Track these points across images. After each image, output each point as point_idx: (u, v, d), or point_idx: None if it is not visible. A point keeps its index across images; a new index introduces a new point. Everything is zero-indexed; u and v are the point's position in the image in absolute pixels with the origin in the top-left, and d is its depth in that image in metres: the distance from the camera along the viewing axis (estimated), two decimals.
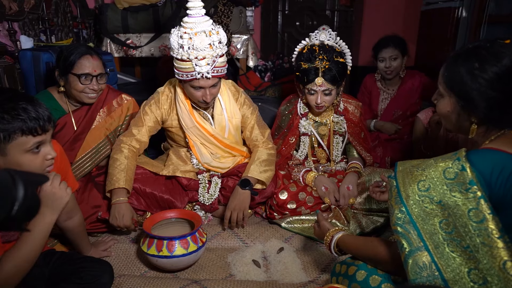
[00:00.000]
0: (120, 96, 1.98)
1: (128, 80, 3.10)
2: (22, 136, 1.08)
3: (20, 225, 0.80)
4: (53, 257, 1.40)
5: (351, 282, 1.17)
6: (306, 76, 1.88)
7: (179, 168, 1.94)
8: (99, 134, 1.91)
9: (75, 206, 1.52)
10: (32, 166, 1.13)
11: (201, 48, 1.62)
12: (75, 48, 1.76)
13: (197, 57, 1.62)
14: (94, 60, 1.77)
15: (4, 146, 1.07)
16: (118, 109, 1.96)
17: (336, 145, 2.10)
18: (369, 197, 1.97)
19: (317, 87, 1.87)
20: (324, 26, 1.95)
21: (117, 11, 2.98)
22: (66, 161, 1.47)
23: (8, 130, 1.06)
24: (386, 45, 2.66)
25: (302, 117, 2.08)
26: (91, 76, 1.76)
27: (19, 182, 0.76)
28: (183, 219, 1.72)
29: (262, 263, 1.65)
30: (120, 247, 1.76)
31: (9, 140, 1.07)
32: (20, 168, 1.11)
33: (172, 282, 1.50)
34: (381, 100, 2.83)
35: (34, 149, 1.12)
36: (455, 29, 3.20)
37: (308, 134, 2.08)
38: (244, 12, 3.13)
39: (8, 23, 2.26)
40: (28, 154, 1.12)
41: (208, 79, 1.68)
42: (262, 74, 3.20)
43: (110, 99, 1.95)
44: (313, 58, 1.86)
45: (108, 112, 1.93)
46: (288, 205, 1.92)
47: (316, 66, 1.85)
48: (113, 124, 1.95)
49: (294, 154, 2.15)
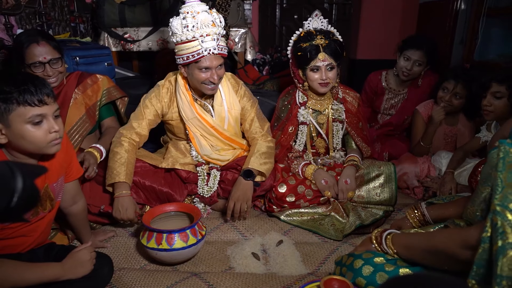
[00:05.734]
0: (94, 75, 2.01)
1: (126, 75, 3.08)
2: (19, 106, 1.14)
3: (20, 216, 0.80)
4: (53, 251, 1.42)
5: (356, 275, 1.16)
6: (309, 53, 1.90)
7: (178, 161, 1.95)
8: (80, 109, 1.92)
9: (79, 191, 1.56)
10: (35, 138, 1.18)
11: (206, 24, 1.67)
12: (23, 36, 1.73)
13: (203, 35, 1.67)
14: (42, 47, 1.72)
15: (6, 116, 1.14)
16: (94, 85, 1.99)
17: (336, 132, 2.10)
18: (368, 190, 1.98)
19: (320, 62, 1.90)
20: (317, 12, 2.00)
21: (114, 4, 2.96)
22: (71, 148, 1.50)
23: (6, 100, 1.13)
24: (419, 47, 2.50)
25: (301, 106, 2.08)
26: (42, 64, 1.73)
27: (17, 173, 0.77)
28: (182, 212, 1.73)
29: (261, 256, 1.66)
30: (120, 241, 1.76)
31: (9, 110, 1.14)
32: (24, 140, 1.17)
33: (172, 275, 1.51)
34: (385, 100, 2.75)
35: (34, 121, 1.17)
36: (454, 22, 3.20)
37: (306, 123, 2.08)
38: (242, 6, 3.12)
39: (5, 17, 2.25)
40: (29, 126, 1.17)
41: (215, 55, 1.71)
42: (260, 68, 3.20)
43: (84, 79, 1.97)
44: (312, 38, 1.91)
45: (84, 89, 1.95)
46: (287, 198, 1.93)
47: (316, 43, 1.89)
48: (91, 99, 1.97)
49: (293, 145, 2.16)
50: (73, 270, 1.28)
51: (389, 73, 2.74)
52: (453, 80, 2.27)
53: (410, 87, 2.67)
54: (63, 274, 1.26)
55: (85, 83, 1.96)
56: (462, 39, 3.14)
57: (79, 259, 1.31)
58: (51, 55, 1.75)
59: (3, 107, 1.13)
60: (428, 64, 2.56)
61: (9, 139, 1.18)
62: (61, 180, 1.40)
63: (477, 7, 2.94)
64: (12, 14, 2.30)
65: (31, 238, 1.32)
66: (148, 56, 3.34)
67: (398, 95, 2.72)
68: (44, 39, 1.74)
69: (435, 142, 2.41)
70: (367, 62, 4.08)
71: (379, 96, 2.78)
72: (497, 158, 0.87)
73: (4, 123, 1.15)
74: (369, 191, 1.97)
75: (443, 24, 3.28)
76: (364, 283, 1.14)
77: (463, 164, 2.20)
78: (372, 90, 2.80)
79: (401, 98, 2.72)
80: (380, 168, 2.00)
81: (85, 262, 1.32)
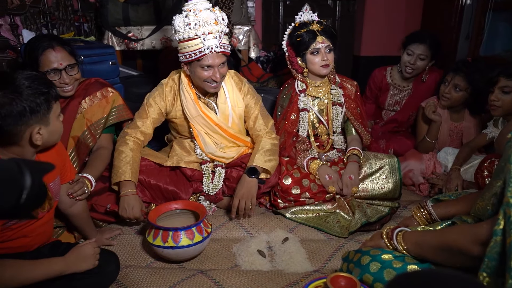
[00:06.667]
0: (105, 88, 1.88)
1: (129, 73, 3.09)
2: (55, 103, 1.24)
3: (28, 212, 0.81)
4: (59, 248, 1.42)
5: (363, 272, 1.15)
6: (307, 37, 1.98)
7: (183, 159, 1.95)
8: (81, 125, 1.81)
9: None
10: (61, 131, 1.31)
11: (208, 22, 1.66)
12: (36, 42, 1.65)
13: (205, 32, 1.66)
14: (58, 53, 1.65)
15: (48, 116, 1.21)
16: (103, 100, 1.86)
17: (336, 116, 2.12)
18: (372, 182, 1.98)
19: (320, 44, 1.97)
20: (306, 7, 2.09)
21: (118, 4, 2.96)
22: (64, 151, 1.50)
23: (48, 100, 1.20)
24: (422, 41, 2.48)
25: (300, 93, 2.10)
26: (58, 71, 1.66)
27: (26, 170, 0.77)
28: (188, 210, 1.73)
29: (267, 253, 1.66)
30: (126, 239, 1.77)
31: (49, 109, 1.21)
32: (55, 134, 1.28)
33: (178, 273, 1.51)
34: (390, 96, 2.73)
35: (60, 114, 1.28)
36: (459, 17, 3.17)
37: (307, 110, 2.09)
38: (245, 3, 3.11)
39: (10, 17, 2.26)
40: (58, 120, 1.28)
41: (217, 53, 1.71)
42: (264, 65, 3.19)
43: (94, 91, 1.85)
44: (307, 25, 2.01)
45: (91, 103, 1.83)
46: (292, 190, 1.92)
47: (312, 29, 1.98)
48: (95, 115, 1.83)
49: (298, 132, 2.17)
50: (76, 264, 1.28)
51: (394, 69, 2.72)
52: (453, 72, 2.25)
53: (415, 83, 2.66)
54: (66, 268, 1.26)
55: (94, 96, 1.84)
56: (468, 34, 3.11)
57: (82, 252, 1.31)
58: (68, 61, 1.68)
59: (45, 106, 1.18)
60: (432, 59, 2.54)
61: (43, 139, 1.22)
62: (58, 180, 1.40)
63: (483, 1, 2.91)
64: (17, 14, 2.32)
65: (32, 239, 1.32)
66: (152, 54, 3.35)
67: (402, 91, 2.70)
68: (60, 44, 1.68)
69: (441, 138, 2.40)
70: (371, 59, 4.06)
71: (383, 92, 2.76)
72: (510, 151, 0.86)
73: (44, 123, 1.21)
74: (373, 184, 1.98)
75: (448, 19, 3.26)
76: (372, 280, 1.13)
77: (469, 160, 2.18)
78: (376, 86, 2.78)
79: (405, 94, 2.70)
80: (383, 160, 2.02)
81: (88, 256, 1.31)
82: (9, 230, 1.23)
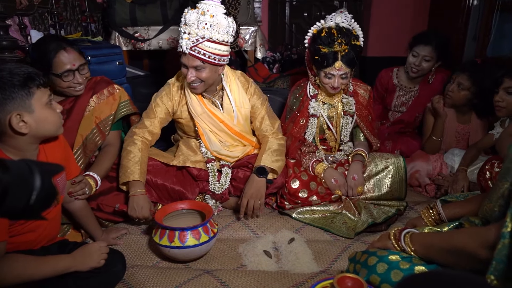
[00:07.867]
0: (111, 86, 1.91)
1: (136, 73, 3.11)
2: (38, 89, 1.20)
3: (38, 213, 0.81)
4: (66, 247, 1.43)
5: (370, 273, 1.15)
6: (326, 60, 1.87)
7: (189, 159, 1.95)
8: (89, 123, 1.83)
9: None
10: (54, 120, 1.27)
11: (188, 23, 1.66)
12: (46, 45, 1.66)
13: (185, 32, 1.67)
14: (70, 54, 1.68)
15: (29, 102, 1.18)
16: (110, 97, 1.88)
17: (346, 125, 2.09)
18: (377, 182, 1.98)
19: (335, 71, 1.88)
20: (342, 10, 1.94)
21: (125, 4, 2.98)
22: (68, 147, 1.51)
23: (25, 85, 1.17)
24: (427, 43, 2.45)
25: (312, 98, 2.07)
26: (72, 71, 1.69)
27: (36, 171, 0.78)
28: (194, 210, 1.73)
29: (273, 254, 1.65)
30: (132, 238, 1.78)
31: (29, 95, 1.18)
32: (47, 124, 1.24)
33: (184, 272, 1.51)
34: (396, 97, 2.72)
35: (49, 103, 1.24)
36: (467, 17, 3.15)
37: (316, 116, 2.07)
38: (251, 3, 3.11)
39: (19, 17, 2.28)
40: (47, 108, 1.24)
41: (189, 55, 1.68)
42: (270, 66, 3.19)
43: (101, 88, 1.87)
44: (332, 42, 1.85)
45: (98, 101, 1.86)
46: (300, 193, 1.92)
47: (335, 50, 1.85)
48: (104, 113, 1.86)
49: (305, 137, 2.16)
50: (82, 261, 1.30)
51: (401, 70, 2.71)
52: (459, 71, 2.26)
53: (422, 84, 2.64)
54: (73, 264, 1.27)
55: (100, 94, 1.87)
56: (475, 35, 3.09)
57: (88, 250, 1.33)
58: (79, 61, 1.71)
59: (22, 91, 1.16)
60: (438, 60, 2.52)
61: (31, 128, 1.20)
62: (64, 175, 1.41)
63: (491, 1, 2.89)
64: (25, 14, 2.33)
65: (39, 234, 1.34)
66: (159, 54, 3.37)
67: (409, 92, 2.69)
68: (69, 45, 1.70)
69: (447, 140, 2.39)
70: (378, 59, 4.04)
71: (390, 93, 2.75)
72: None
73: (26, 109, 1.18)
74: (379, 183, 1.98)
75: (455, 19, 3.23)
76: (379, 281, 1.13)
77: (476, 161, 2.17)
78: (383, 87, 2.77)
79: (412, 95, 2.69)
80: (388, 160, 2.01)
81: (94, 254, 1.33)
82: (19, 224, 1.25)
